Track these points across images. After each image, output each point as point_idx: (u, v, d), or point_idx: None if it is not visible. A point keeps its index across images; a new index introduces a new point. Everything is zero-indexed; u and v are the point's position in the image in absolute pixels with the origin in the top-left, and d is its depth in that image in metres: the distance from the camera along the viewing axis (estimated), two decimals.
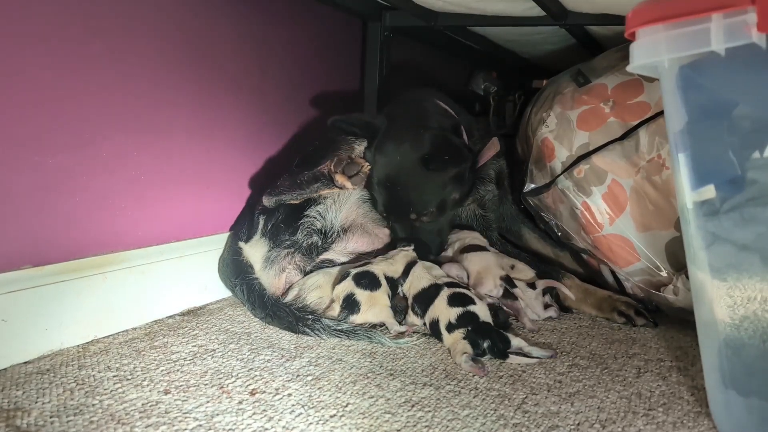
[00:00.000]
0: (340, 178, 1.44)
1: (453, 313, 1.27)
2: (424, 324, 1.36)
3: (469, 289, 1.39)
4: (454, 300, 1.31)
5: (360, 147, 1.60)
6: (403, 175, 1.56)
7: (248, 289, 1.44)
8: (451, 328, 1.26)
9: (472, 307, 1.29)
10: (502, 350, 1.21)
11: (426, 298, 1.36)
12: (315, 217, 1.53)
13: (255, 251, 1.50)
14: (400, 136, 1.58)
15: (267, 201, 1.53)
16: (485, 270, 1.52)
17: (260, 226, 1.52)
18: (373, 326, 1.36)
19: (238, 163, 1.65)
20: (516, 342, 1.24)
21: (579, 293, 1.56)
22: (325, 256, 1.55)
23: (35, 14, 1.12)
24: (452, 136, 1.62)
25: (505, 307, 1.45)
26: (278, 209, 1.53)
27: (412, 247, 1.54)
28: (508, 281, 1.48)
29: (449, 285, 1.36)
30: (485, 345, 1.21)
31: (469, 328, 1.24)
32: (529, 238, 1.82)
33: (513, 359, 1.20)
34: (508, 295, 1.46)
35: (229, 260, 1.52)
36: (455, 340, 1.24)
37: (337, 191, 1.53)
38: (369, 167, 1.48)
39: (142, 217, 1.38)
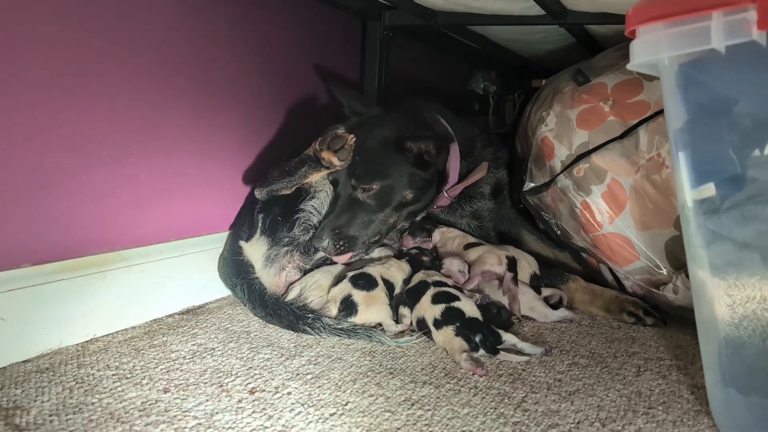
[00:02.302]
0: (326, 155, 1.42)
1: (437, 310, 1.28)
2: (411, 323, 1.36)
3: (461, 290, 1.39)
4: (438, 298, 1.32)
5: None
6: (368, 144, 1.53)
7: (249, 289, 1.44)
8: (438, 324, 1.27)
9: (456, 303, 1.29)
10: (493, 344, 1.21)
11: (416, 293, 1.37)
12: (311, 212, 1.53)
13: (255, 250, 1.50)
14: (385, 120, 1.61)
15: (258, 193, 1.52)
16: (488, 251, 1.53)
17: (259, 224, 1.52)
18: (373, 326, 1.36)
19: (237, 162, 1.65)
20: (508, 338, 1.24)
21: (585, 295, 1.55)
22: (322, 254, 1.55)
23: (34, 13, 1.12)
24: (436, 130, 1.61)
25: (505, 291, 1.45)
26: (275, 204, 1.52)
27: (407, 258, 1.55)
28: (513, 262, 1.49)
29: (436, 284, 1.37)
30: (477, 339, 1.22)
31: (458, 324, 1.24)
32: (528, 240, 1.82)
33: (505, 356, 1.20)
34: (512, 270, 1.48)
35: (229, 260, 1.52)
36: (447, 337, 1.24)
37: (325, 173, 1.50)
38: (353, 139, 1.42)
39: (141, 215, 1.37)
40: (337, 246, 1.46)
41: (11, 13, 1.08)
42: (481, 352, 1.22)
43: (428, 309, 1.31)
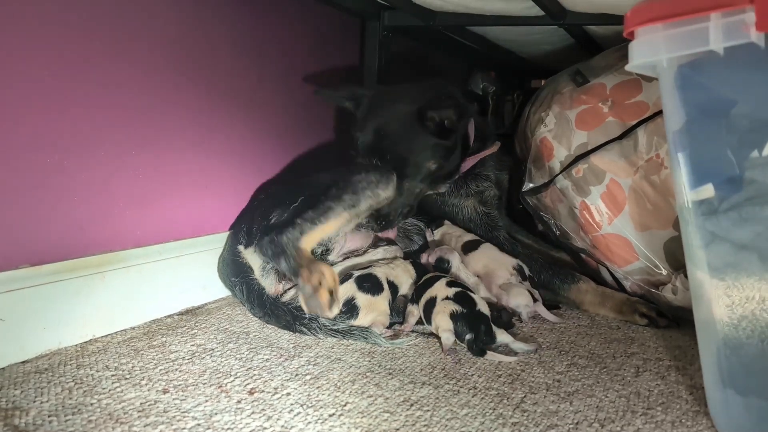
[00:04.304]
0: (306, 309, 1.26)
1: (450, 291, 1.30)
2: (418, 319, 1.37)
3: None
4: (453, 284, 1.33)
5: (385, 193, 1.46)
6: (392, 122, 1.56)
7: (248, 289, 1.44)
8: (447, 299, 1.29)
9: (469, 293, 1.30)
10: (482, 345, 1.22)
11: (426, 284, 1.38)
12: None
13: (253, 258, 1.47)
14: (403, 93, 1.62)
15: (254, 249, 1.46)
16: (495, 263, 1.54)
17: (256, 240, 1.50)
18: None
19: (236, 162, 1.65)
20: (503, 338, 1.25)
21: (596, 297, 1.54)
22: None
23: (34, 14, 1.12)
24: (456, 98, 1.63)
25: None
26: (273, 229, 1.43)
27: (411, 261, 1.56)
28: (521, 270, 1.51)
29: (449, 281, 1.38)
30: (467, 337, 1.23)
31: (466, 311, 1.25)
32: (524, 244, 1.82)
33: (492, 356, 1.21)
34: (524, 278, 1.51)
35: (229, 260, 1.52)
36: (444, 310, 1.26)
37: None
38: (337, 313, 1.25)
39: (140, 216, 1.37)
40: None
41: (10, 13, 1.08)
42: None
43: (441, 289, 1.32)
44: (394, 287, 1.43)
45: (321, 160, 1.99)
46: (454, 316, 1.25)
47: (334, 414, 0.97)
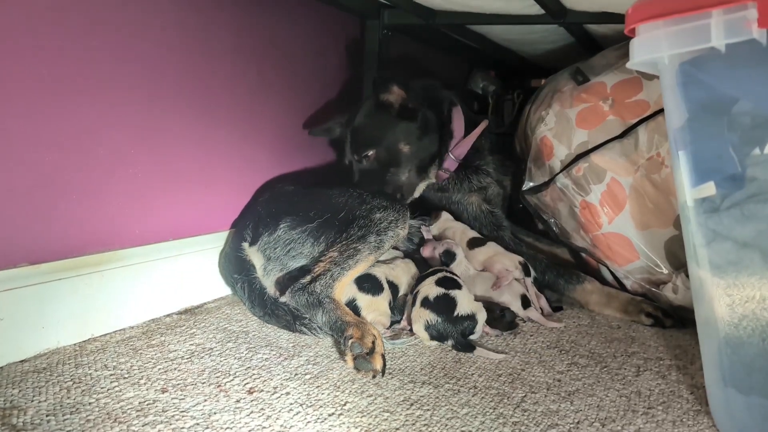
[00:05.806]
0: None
1: (434, 291, 1.29)
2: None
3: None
4: (441, 281, 1.33)
5: (403, 232, 1.48)
6: (360, 117, 1.68)
7: (249, 288, 1.43)
8: (425, 303, 1.28)
9: (453, 292, 1.29)
10: (465, 345, 1.24)
11: (425, 277, 1.38)
12: None
13: (256, 257, 1.48)
14: (369, 97, 1.72)
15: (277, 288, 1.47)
16: (501, 254, 1.56)
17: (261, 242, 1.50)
18: None
19: (237, 161, 1.64)
20: (477, 335, 1.28)
21: (601, 297, 1.54)
22: None
23: (32, 12, 1.11)
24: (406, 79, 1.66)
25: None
26: (299, 274, 1.43)
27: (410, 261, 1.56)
28: (526, 267, 1.52)
29: (447, 273, 1.38)
30: (449, 342, 1.25)
31: (441, 318, 1.25)
32: (527, 244, 1.81)
33: (480, 352, 1.22)
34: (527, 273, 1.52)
35: (231, 256, 1.51)
36: (420, 317, 1.27)
37: None
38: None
39: (139, 215, 1.37)
40: None
41: (10, 12, 1.07)
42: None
43: (426, 288, 1.31)
44: (394, 287, 1.42)
45: (322, 159, 1.99)
46: (428, 327, 1.26)
47: (333, 413, 0.97)
